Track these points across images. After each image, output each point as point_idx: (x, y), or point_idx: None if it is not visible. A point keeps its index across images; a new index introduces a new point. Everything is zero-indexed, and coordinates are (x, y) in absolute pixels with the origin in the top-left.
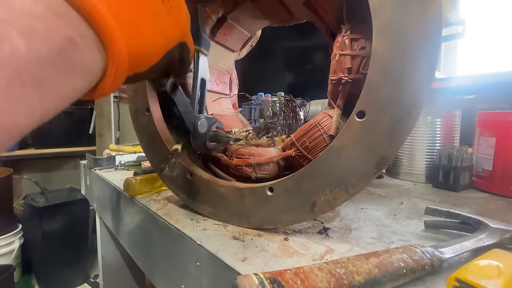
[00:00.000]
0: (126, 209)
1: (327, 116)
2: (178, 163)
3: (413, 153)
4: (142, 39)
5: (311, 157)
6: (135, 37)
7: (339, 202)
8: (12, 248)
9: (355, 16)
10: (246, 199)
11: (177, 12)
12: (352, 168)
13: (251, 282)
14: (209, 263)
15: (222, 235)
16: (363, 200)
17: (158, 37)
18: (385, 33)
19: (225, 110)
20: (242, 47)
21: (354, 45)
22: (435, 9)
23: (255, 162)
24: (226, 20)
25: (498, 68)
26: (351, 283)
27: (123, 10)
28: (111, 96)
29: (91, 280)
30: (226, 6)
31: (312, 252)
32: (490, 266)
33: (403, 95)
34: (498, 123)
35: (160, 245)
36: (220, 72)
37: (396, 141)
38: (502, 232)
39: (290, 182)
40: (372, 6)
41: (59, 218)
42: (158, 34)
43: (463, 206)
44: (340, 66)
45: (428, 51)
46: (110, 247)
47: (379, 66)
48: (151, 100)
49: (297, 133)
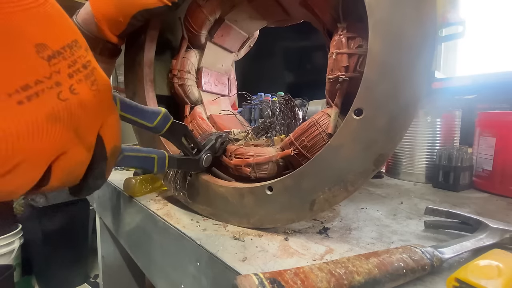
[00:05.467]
0: (126, 209)
1: (325, 114)
2: None
3: (413, 153)
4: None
5: (310, 156)
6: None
7: (338, 200)
8: (12, 248)
9: (351, 15)
10: (246, 199)
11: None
12: (350, 165)
13: (251, 282)
14: (209, 263)
15: (222, 235)
16: (363, 200)
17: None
18: (380, 31)
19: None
20: (240, 48)
21: (351, 44)
22: (430, 6)
23: (254, 161)
24: (224, 21)
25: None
26: (351, 283)
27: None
28: None
29: (91, 280)
30: (223, 7)
31: (312, 252)
32: (490, 266)
33: (400, 92)
34: (498, 123)
35: (160, 245)
36: (218, 73)
37: (394, 138)
38: (502, 232)
39: (289, 181)
40: (368, 4)
41: (59, 218)
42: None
43: (463, 206)
44: (337, 65)
45: (423, 48)
46: (110, 247)
47: (375, 64)
48: (149, 102)
49: (296, 132)
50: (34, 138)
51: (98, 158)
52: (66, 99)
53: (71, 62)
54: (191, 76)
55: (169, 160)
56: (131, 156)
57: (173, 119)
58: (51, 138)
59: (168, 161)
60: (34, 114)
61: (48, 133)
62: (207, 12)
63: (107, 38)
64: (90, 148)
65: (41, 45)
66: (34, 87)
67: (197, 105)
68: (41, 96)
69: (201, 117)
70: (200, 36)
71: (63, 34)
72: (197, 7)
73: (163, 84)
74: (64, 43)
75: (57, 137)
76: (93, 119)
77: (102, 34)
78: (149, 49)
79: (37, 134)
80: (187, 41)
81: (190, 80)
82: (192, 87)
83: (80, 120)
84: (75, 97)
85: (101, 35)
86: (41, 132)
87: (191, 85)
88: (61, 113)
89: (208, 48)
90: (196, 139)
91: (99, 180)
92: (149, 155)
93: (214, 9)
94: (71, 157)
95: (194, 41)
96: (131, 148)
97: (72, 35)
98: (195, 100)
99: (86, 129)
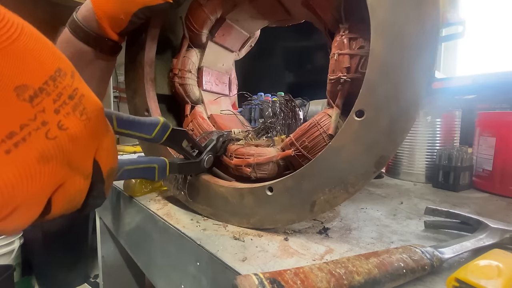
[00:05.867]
0: (126, 209)
1: (326, 115)
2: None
3: (413, 153)
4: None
5: (311, 157)
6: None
7: (339, 201)
8: (12, 248)
9: (353, 16)
10: (246, 199)
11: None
12: (351, 167)
13: (251, 282)
14: (209, 263)
15: (222, 235)
16: (363, 200)
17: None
18: (382, 32)
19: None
20: (241, 47)
21: (353, 44)
22: (432, 7)
23: (255, 162)
24: (225, 20)
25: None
26: (351, 283)
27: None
28: (111, 96)
29: (91, 280)
30: (225, 7)
31: (312, 252)
32: (490, 266)
33: (401, 94)
34: (498, 123)
35: (160, 245)
36: (219, 73)
37: (395, 140)
38: (502, 232)
39: (290, 182)
40: (370, 5)
41: (59, 218)
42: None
43: (463, 206)
44: (339, 66)
45: (426, 49)
46: (110, 247)
47: (377, 65)
48: (150, 101)
49: (297, 133)
50: (28, 183)
51: (95, 181)
52: (55, 137)
53: (56, 96)
54: (192, 76)
55: (170, 167)
56: (131, 169)
57: (172, 127)
58: (45, 178)
59: (169, 167)
60: (24, 160)
61: (42, 174)
62: (208, 11)
63: (108, 36)
64: (87, 176)
65: (20, 87)
66: (19, 133)
67: (197, 104)
68: (28, 140)
69: (201, 116)
70: (201, 35)
71: (44, 67)
72: (198, 6)
73: (163, 83)
74: (46, 77)
75: (51, 175)
76: (86, 149)
77: (103, 31)
78: (150, 48)
79: (31, 178)
80: (188, 40)
81: (191, 80)
82: (193, 86)
83: (73, 153)
84: (65, 132)
85: (102, 33)
86: (34, 175)
87: (192, 85)
88: (52, 152)
89: (209, 48)
90: (196, 141)
91: (99, 199)
92: (149, 166)
93: (215, 9)
94: (69, 188)
95: (195, 40)
96: (131, 161)
97: (55, 64)
98: (196, 100)
99: (81, 160)
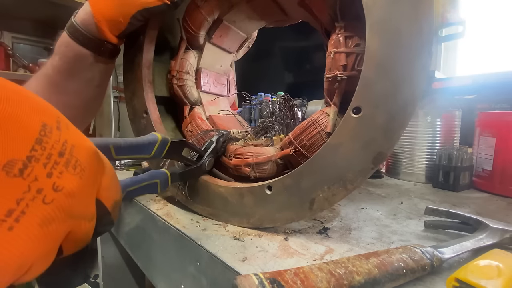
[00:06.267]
0: (126, 209)
1: (324, 113)
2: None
3: (413, 153)
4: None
5: (309, 155)
6: None
7: (338, 198)
8: None
9: (348, 14)
10: (245, 199)
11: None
12: (349, 164)
13: (251, 282)
14: (209, 263)
15: (222, 235)
16: (363, 200)
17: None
18: (378, 29)
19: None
20: (238, 48)
21: (349, 43)
22: (427, 5)
23: (254, 161)
24: (222, 22)
25: (498, 68)
26: (351, 283)
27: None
28: (111, 96)
29: (91, 280)
30: (222, 8)
31: (312, 252)
32: (490, 266)
33: (397, 91)
34: (498, 123)
35: (160, 245)
36: (217, 74)
37: (392, 136)
38: (502, 232)
39: (289, 180)
40: (365, 4)
41: None
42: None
43: (463, 206)
44: (335, 64)
45: (421, 46)
46: (110, 247)
47: (373, 63)
48: (149, 103)
49: (295, 132)
50: (35, 247)
51: (101, 216)
52: (52, 200)
53: (46, 159)
54: (190, 77)
55: (172, 177)
56: (134, 190)
57: (171, 140)
58: (51, 238)
59: (171, 178)
60: (27, 231)
61: (47, 236)
62: (205, 13)
63: (107, 39)
64: (91, 218)
65: (8, 164)
66: (17, 208)
67: (196, 105)
68: (27, 212)
69: (200, 117)
70: (199, 37)
71: (29, 131)
72: (195, 8)
73: (162, 85)
74: (32, 141)
75: (56, 233)
76: (86, 197)
77: (102, 34)
78: (148, 50)
79: (37, 244)
80: (185, 42)
81: (189, 81)
82: (191, 87)
83: (73, 206)
84: (61, 193)
85: (100, 36)
86: (40, 240)
87: (190, 86)
88: (52, 214)
89: (206, 49)
90: (196, 147)
91: (108, 227)
92: (151, 182)
93: (212, 10)
94: (76, 233)
95: (193, 42)
96: (132, 181)
97: (38, 122)
98: (194, 101)
99: (82, 209)
